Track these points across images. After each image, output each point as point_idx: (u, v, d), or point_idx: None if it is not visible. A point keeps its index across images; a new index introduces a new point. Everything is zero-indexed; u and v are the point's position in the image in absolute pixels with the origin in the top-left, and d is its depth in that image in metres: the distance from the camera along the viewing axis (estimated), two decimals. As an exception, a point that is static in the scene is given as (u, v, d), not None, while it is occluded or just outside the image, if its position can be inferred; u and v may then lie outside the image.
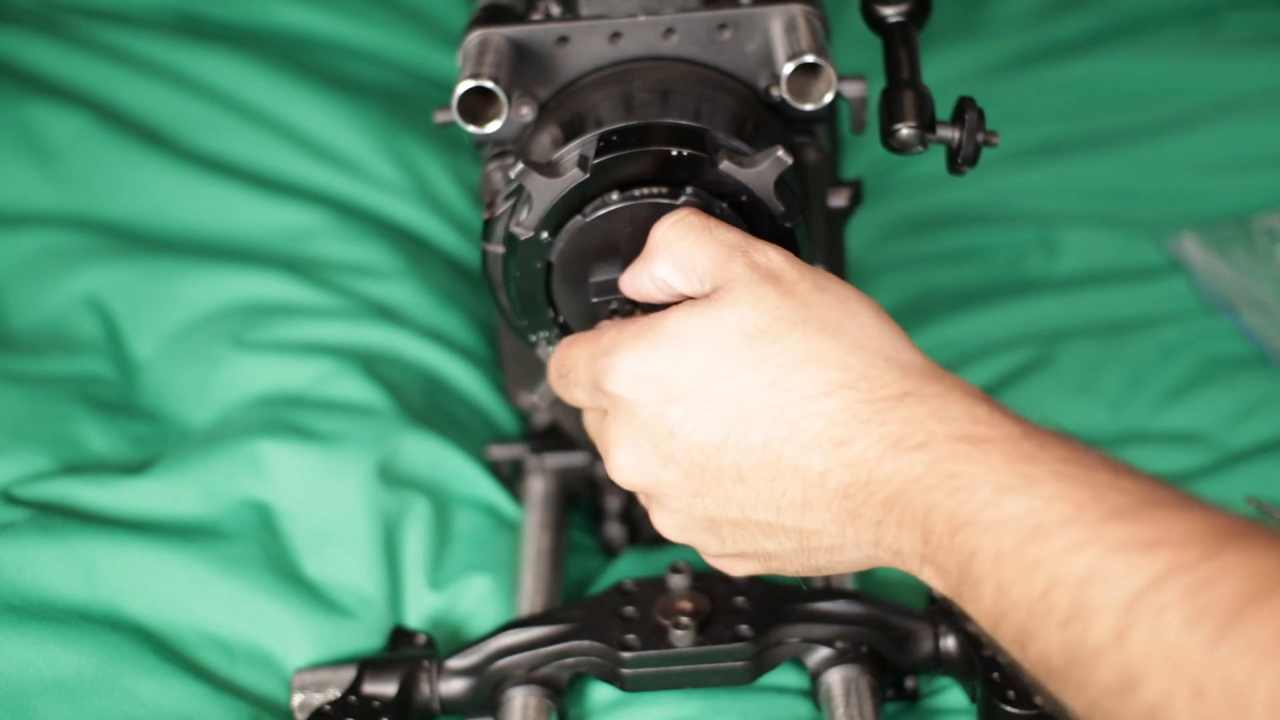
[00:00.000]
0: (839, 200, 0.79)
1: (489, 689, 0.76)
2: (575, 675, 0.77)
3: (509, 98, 0.72)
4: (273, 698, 0.78)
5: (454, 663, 0.77)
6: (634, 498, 0.88)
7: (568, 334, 0.74)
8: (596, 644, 0.76)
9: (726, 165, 0.69)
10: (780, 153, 0.69)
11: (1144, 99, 1.22)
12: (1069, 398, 0.97)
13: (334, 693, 0.77)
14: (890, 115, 0.68)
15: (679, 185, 0.70)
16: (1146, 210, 1.13)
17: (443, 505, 0.87)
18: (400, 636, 0.80)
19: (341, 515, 0.85)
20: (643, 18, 0.75)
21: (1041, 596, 0.53)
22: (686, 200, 0.69)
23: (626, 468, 0.64)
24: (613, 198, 0.70)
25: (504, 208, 0.72)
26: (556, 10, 0.78)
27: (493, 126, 0.72)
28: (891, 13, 0.71)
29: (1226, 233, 1.07)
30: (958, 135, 0.67)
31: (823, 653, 0.76)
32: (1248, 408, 0.95)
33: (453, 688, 0.77)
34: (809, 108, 0.74)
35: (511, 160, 0.75)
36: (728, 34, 0.75)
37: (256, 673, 0.79)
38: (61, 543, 0.79)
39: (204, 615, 0.80)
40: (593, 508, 0.92)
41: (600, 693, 0.79)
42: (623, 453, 0.64)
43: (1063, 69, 1.26)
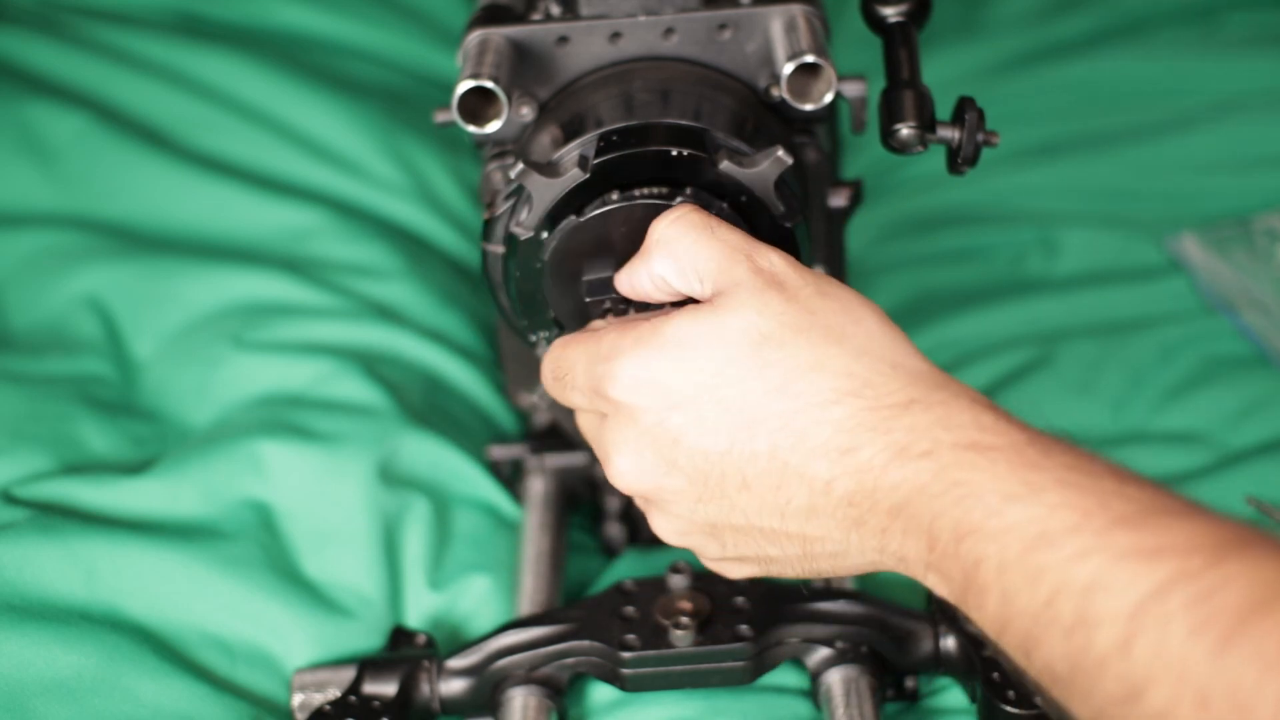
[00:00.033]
0: (839, 200, 0.79)
1: (489, 689, 0.76)
2: (575, 675, 0.77)
3: (509, 98, 0.72)
4: (273, 698, 0.78)
5: (454, 663, 0.77)
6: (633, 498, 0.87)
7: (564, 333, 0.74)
8: (596, 644, 0.76)
9: (726, 165, 0.69)
10: (780, 153, 0.69)
11: (1144, 99, 1.22)
12: (1069, 398, 0.97)
13: (334, 693, 0.77)
14: (890, 115, 0.68)
15: (679, 185, 0.70)
16: (1146, 210, 1.13)
17: (443, 505, 0.87)
18: (400, 636, 0.80)
19: (341, 515, 0.85)
20: (643, 18, 0.75)
21: (1046, 605, 0.53)
22: (684, 198, 0.69)
23: (628, 473, 0.64)
24: (613, 197, 0.70)
25: (504, 208, 0.72)
26: (556, 10, 0.78)
27: (493, 126, 0.72)
28: (891, 13, 0.71)
29: (1226, 233, 1.07)
30: (958, 135, 0.67)
31: (823, 653, 0.76)
32: (1248, 408, 0.95)
33: (453, 688, 0.77)
34: (809, 108, 0.74)
35: (511, 160, 0.75)
36: (728, 34, 0.75)
37: (256, 673, 0.79)
38: (61, 543, 0.79)
39: (204, 615, 0.80)
40: (593, 508, 0.92)
41: (600, 693, 0.79)
42: (624, 458, 0.63)
43: (1063, 69, 1.26)
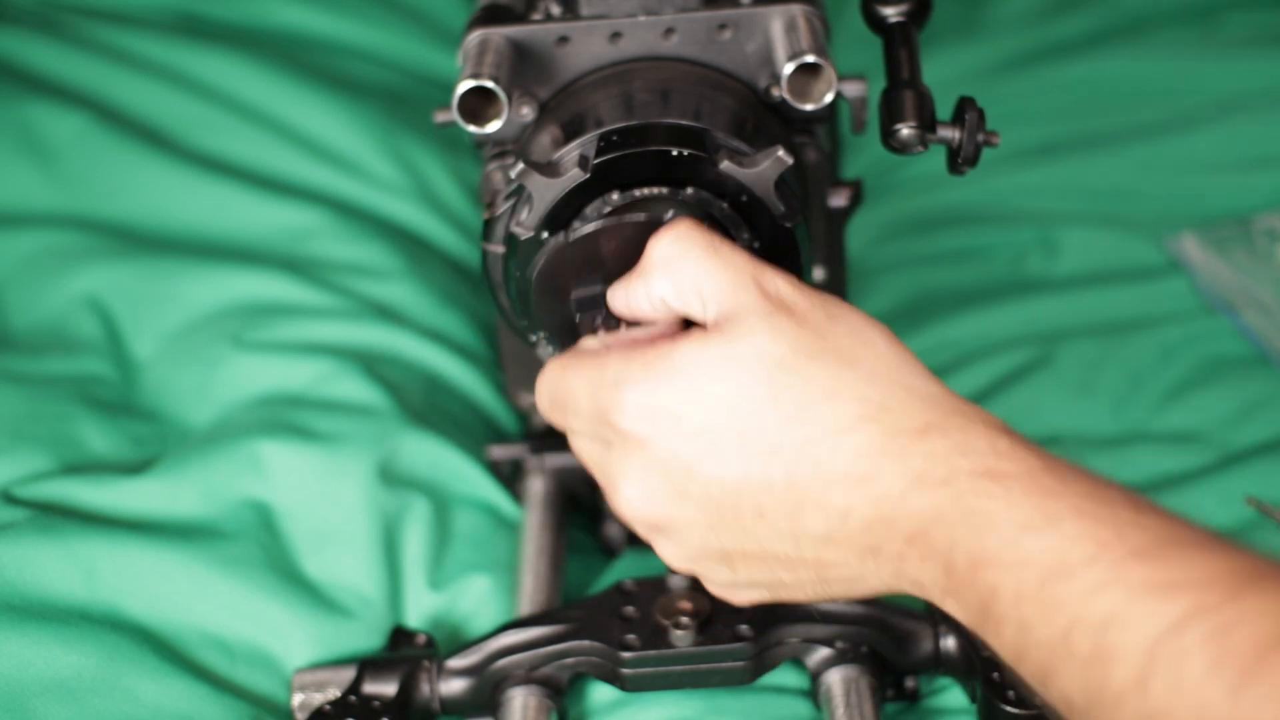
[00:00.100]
0: (839, 200, 0.79)
1: (489, 689, 0.76)
2: (575, 675, 0.77)
3: (509, 98, 0.72)
4: (273, 698, 0.78)
5: (454, 663, 0.77)
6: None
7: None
8: (596, 644, 0.76)
9: (727, 165, 0.69)
10: (780, 153, 0.69)
11: (1144, 99, 1.22)
12: (1069, 398, 0.97)
13: (334, 693, 0.77)
14: (890, 115, 0.67)
15: (679, 185, 0.70)
16: (1146, 210, 1.13)
17: (443, 505, 0.87)
18: (400, 636, 0.80)
19: (341, 515, 0.85)
20: (643, 18, 0.75)
21: (1063, 638, 0.53)
22: (679, 212, 0.68)
23: (636, 502, 0.62)
24: (613, 196, 0.70)
25: (504, 208, 0.72)
26: (556, 10, 0.78)
27: (493, 126, 0.72)
28: (891, 13, 0.71)
29: (1226, 233, 1.07)
30: (958, 135, 0.67)
31: (823, 653, 0.76)
32: (1248, 408, 0.95)
33: (453, 688, 0.77)
34: (809, 108, 0.74)
35: (511, 160, 0.75)
36: (728, 34, 0.75)
37: (256, 673, 0.79)
38: (61, 543, 0.79)
39: (204, 615, 0.80)
40: (593, 508, 0.92)
41: (600, 693, 0.79)
42: (632, 487, 0.62)
43: (1063, 69, 1.26)
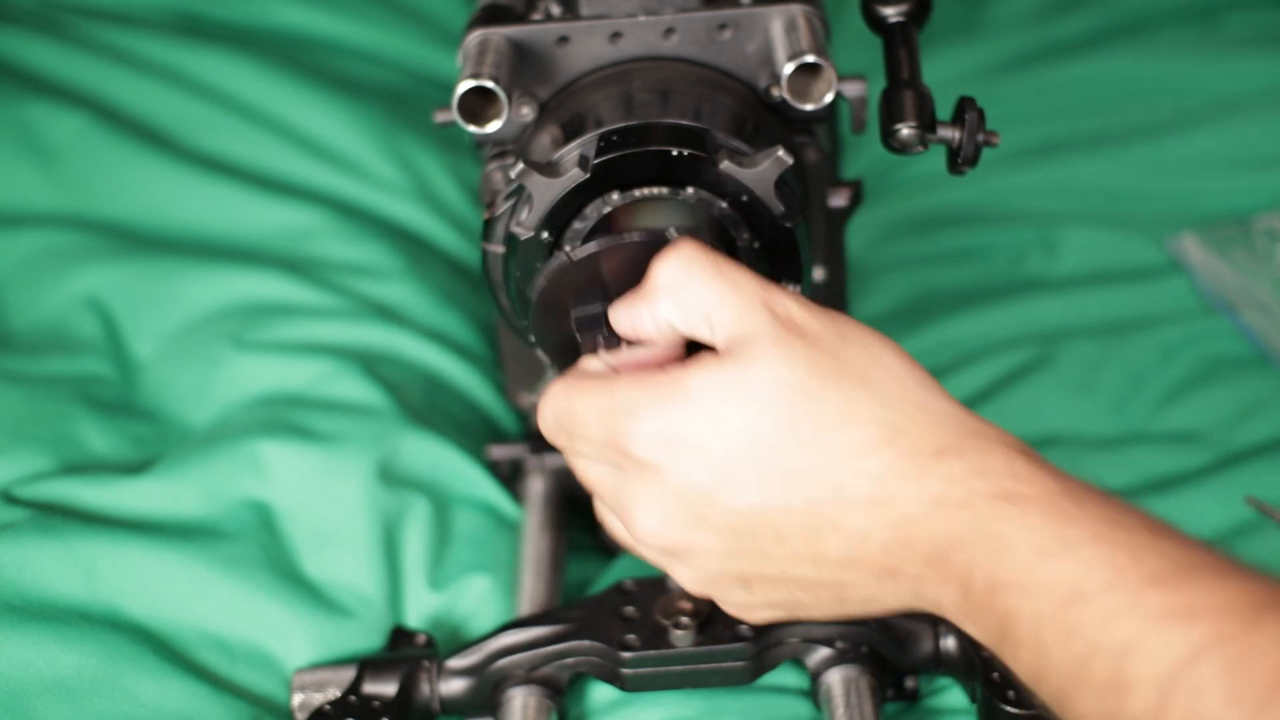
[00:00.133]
0: (839, 200, 0.79)
1: (489, 689, 0.76)
2: (575, 675, 0.77)
3: (509, 98, 0.72)
4: (273, 698, 0.78)
5: (454, 663, 0.77)
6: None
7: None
8: (596, 644, 0.76)
9: (727, 165, 0.69)
10: (780, 153, 0.69)
11: (1144, 99, 1.22)
12: (1069, 398, 0.97)
13: (334, 693, 0.77)
14: (890, 115, 0.67)
15: (679, 185, 0.70)
16: (1146, 210, 1.13)
17: (443, 505, 0.87)
18: (400, 636, 0.80)
19: (341, 515, 0.85)
20: (643, 18, 0.75)
21: (1080, 664, 0.53)
22: (681, 232, 0.67)
23: (652, 530, 0.61)
24: (613, 197, 0.70)
25: (504, 208, 0.72)
26: (556, 10, 0.78)
27: (493, 126, 0.72)
28: (891, 13, 0.71)
29: (1226, 233, 1.07)
30: (958, 135, 0.67)
31: (823, 653, 0.76)
32: (1248, 408, 0.95)
33: (453, 688, 0.77)
34: (809, 108, 0.74)
35: (511, 160, 0.75)
36: (728, 34, 0.75)
37: (256, 673, 0.79)
38: (61, 543, 0.79)
39: (204, 615, 0.80)
40: (593, 508, 0.91)
41: (600, 693, 0.79)
42: (648, 515, 0.61)
43: (1063, 69, 1.26)
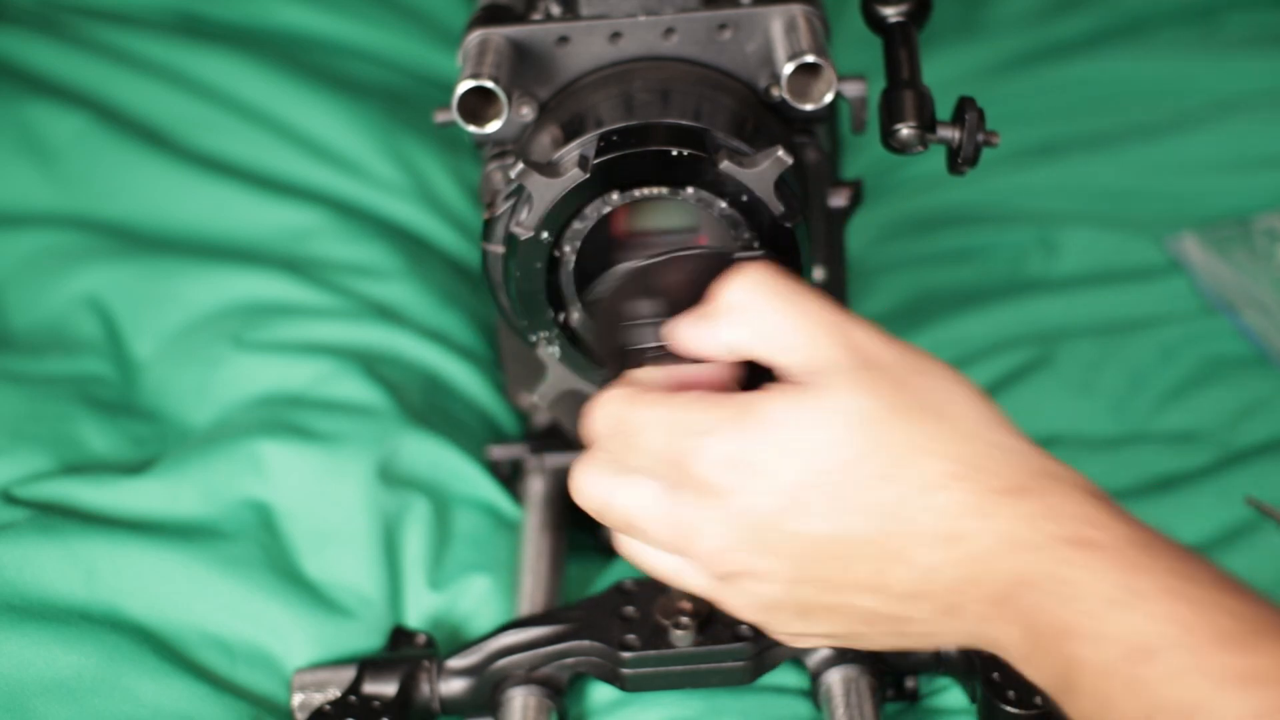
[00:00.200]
0: (839, 200, 0.79)
1: (489, 689, 0.76)
2: (575, 675, 0.77)
3: (509, 98, 0.72)
4: (273, 698, 0.78)
5: (454, 663, 0.77)
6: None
7: (568, 334, 0.74)
8: (596, 644, 0.76)
9: (727, 165, 0.69)
10: (780, 153, 0.69)
11: (1144, 99, 1.22)
12: (1069, 398, 0.97)
13: (334, 693, 0.77)
14: (890, 115, 0.67)
15: (679, 185, 0.70)
16: (1146, 210, 1.13)
17: (443, 505, 0.87)
18: (400, 636, 0.80)
19: (341, 515, 0.85)
20: (643, 18, 0.75)
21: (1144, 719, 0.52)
22: (757, 254, 0.67)
23: (714, 552, 0.60)
24: (613, 197, 0.70)
25: (504, 208, 0.72)
26: (556, 10, 0.78)
27: (493, 126, 0.72)
28: (891, 13, 0.71)
29: (1226, 233, 1.07)
30: (958, 135, 0.67)
31: (823, 653, 0.75)
32: (1248, 408, 0.95)
33: (453, 688, 0.77)
34: (809, 108, 0.73)
35: (511, 160, 0.75)
36: (728, 34, 0.75)
37: (256, 673, 0.79)
38: (61, 543, 0.79)
39: (204, 615, 0.80)
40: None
41: (600, 693, 0.79)
42: (711, 537, 0.60)
43: (1063, 69, 1.26)
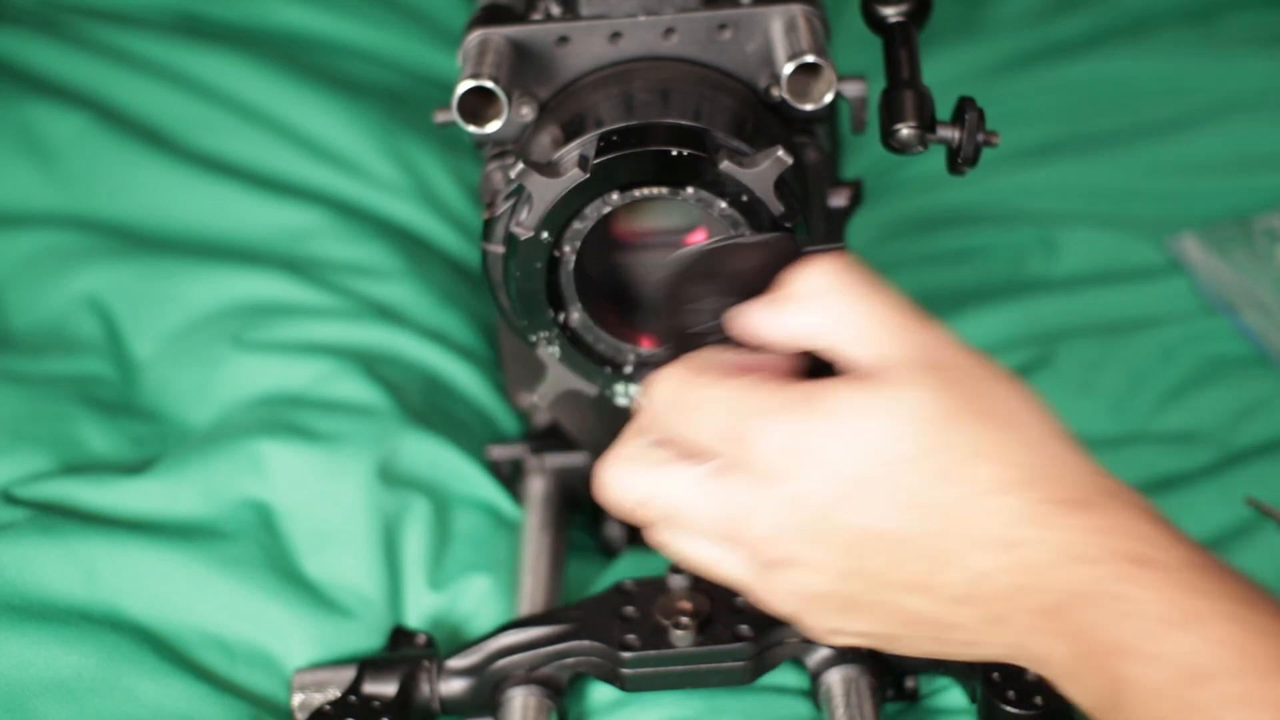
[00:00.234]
0: (839, 200, 0.79)
1: (489, 689, 0.76)
2: (575, 675, 0.77)
3: (509, 98, 0.72)
4: (273, 698, 0.78)
5: (454, 663, 0.77)
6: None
7: (568, 334, 0.74)
8: (596, 644, 0.76)
9: (726, 165, 0.69)
10: (780, 153, 0.69)
11: (1144, 99, 1.22)
12: (1069, 398, 0.97)
13: (334, 693, 0.77)
14: (890, 115, 0.67)
15: (679, 185, 0.70)
16: (1146, 210, 1.13)
17: (443, 505, 0.87)
18: (400, 636, 0.80)
19: (341, 515, 0.85)
20: (643, 18, 0.75)
21: None
22: (831, 246, 0.66)
23: (765, 535, 0.60)
24: (613, 197, 0.70)
25: (504, 208, 0.72)
26: (556, 10, 0.78)
27: (493, 126, 0.72)
28: (891, 13, 0.71)
29: (1226, 233, 1.07)
30: (958, 135, 0.67)
31: (823, 653, 0.76)
32: (1248, 408, 0.95)
33: (453, 688, 0.77)
34: (809, 108, 0.73)
35: (511, 160, 0.75)
36: (728, 34, 0.75)
37: (256, 673, 0.79)
38: (61, 543, 0.79)
39: (204, 615, 0.80)
40: (593, 508, 0.92)
41: (600, 693, 0.79)
42: (764, 519, 0.59)
43: (1063, 69, 1.26)
